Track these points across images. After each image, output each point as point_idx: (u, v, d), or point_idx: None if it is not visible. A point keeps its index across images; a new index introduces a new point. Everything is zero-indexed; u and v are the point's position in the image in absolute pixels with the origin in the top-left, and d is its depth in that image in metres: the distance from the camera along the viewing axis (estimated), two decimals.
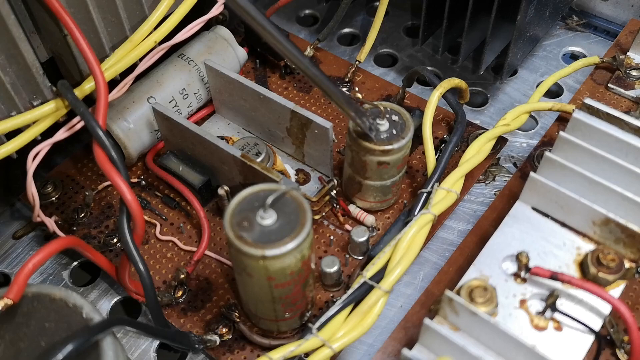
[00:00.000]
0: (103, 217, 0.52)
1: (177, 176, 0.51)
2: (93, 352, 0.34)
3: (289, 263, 0.38)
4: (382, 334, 0.48)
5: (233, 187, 0.50)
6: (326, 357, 0.39)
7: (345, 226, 0.50)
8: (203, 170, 0.51)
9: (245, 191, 0.39)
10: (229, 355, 0.45)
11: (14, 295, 0.35)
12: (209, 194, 0.51)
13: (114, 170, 0.38)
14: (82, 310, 0.36)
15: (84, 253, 0.41)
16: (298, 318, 0.44)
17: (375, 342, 0.47)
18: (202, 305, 0.47)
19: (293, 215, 0.38)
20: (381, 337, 0.47)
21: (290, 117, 0.50)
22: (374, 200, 0.50)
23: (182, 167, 0.51)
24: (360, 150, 0.46)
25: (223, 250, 0.50)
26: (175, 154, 0.52)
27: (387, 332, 0.47)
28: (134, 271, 0.45)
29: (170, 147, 0.53)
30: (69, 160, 0.56)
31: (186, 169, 0.51)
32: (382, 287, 0.40)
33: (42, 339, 0.35)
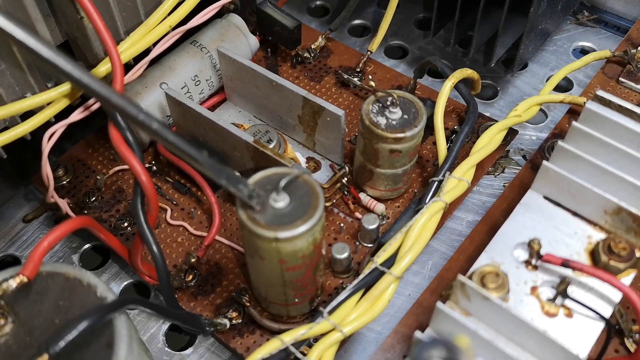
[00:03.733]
0: (114, 201, 0.53)
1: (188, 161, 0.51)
2: (106, 330, 0.35)
3: (301, 246, 0.38)
4: (391, 322, 0.48)
5: (244, 173, 0.50)
6: (336, 340, 0.39)
7: (355, 214, 0.50)
8: (214, 156, 0.51)
9: (258, 174, 0.40)
10: (238, 339, 0.45)
11: (29, 272, 0.35)
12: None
13: (129, 151, 0.38)
14: (96, 289, 0.36)
15: (96, 234, 0.42)
16: (308, 303, 0.44)
17: (383, 330, 0.48)
18: (212, 289, 0.47)
19: (305, 198, 0.38)
20: (389, 324, 0.48)
21: (302, 104, 0.50)
22: (385, 188, 0.50)
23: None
24: (372, 138, 0.46)
25: (233, 235, 0.50)
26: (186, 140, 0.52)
27: (395, 320, 0.47)
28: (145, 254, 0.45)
29: (182, 132, 0.53)
30: (81, 145, 0.57)
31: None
32: (393, 273, 0.41)
33: (56, 316, 0.35)
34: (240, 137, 0.47)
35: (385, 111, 0.46)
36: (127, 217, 0.51)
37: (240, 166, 0.50)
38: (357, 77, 0.59)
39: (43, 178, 0.42)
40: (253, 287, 0.45)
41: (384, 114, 0.46)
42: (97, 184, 0.53)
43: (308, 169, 0.40)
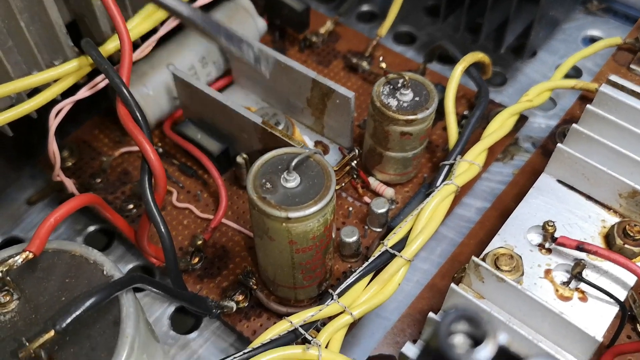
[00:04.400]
0: (119, 183, 0.52)
1: (195, 144, 0.51)
2: (113, 308, 0.34)
3: (312, 227, 0.37)
4: (399, 308, 0.47)
5: (252, 155, 0.49)
6: (346, 323, 0.39)
7: (364, 198, 0.50)
8: (222, 138, 0.51)
9: (268, 154, 0.39)
10: (245, 322, 0.44)
11: (36, 248, 0.34)
12: (227, 162, 0.51)
13: (137, 129, 0.38)
14: (103, 267, 0.36)
15: (103, 213, 0.41)
16: (316, 286, 0.44)
17: (391, 315, 0.47)
18: (219, 272, 0.47)
19: (317, 178, 0.38)
20: (398, 310, 0.47)
21: (311, 86, 0.49)
22: (394, 172, 0.49)
23: (201, 135, 0.51)
24: (383, 120, 0.45)
25: (240, 218, 0.50)
26: (193, 122, 0.52)
27: (403, 306, 0.47)
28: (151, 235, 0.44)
29: (189, 114, 0.52)
30: (86, 127, 0.56)
31: (205, 136, 0.51)
32: (403, 256, 0.40)
33: (62, 294, 0.35)
34: (249, 119, 0.47)
35: (397, 93, 0.46)
36: (133, 199, 0.51)
37: (247, 148, 0.49)
38: (366, 62, 0.59)
39: (49, 155, 0.42)
40: (261, 270, 0.44)
41: (395, 95, 0.46)
42: (103, 166, 0.52)
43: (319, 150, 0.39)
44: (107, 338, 0.33)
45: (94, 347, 0.33)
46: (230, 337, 0.47)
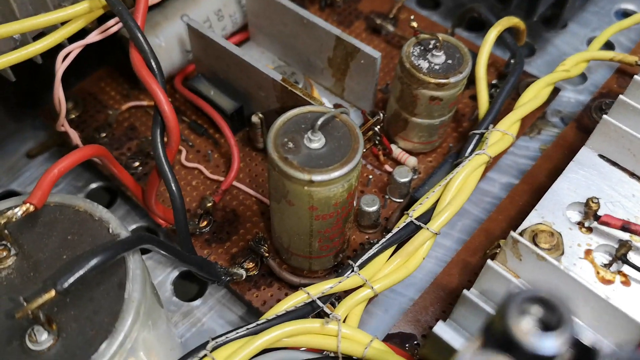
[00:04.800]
0: (125, 138, 0.49)
1: (207, 101, 0.48)
2: (119, 269, 0.31)
3: (335, 192, 0.35)
4: (416, 283, 0.44)
5: (268, 115, 0.46)
6: (366, 297, 0.36)
7: (384, 166, 0.47)
8: (236, 95, 0.48)
9: (291, 111, 0.36)
10: (254, 291, 0.42)
11: (37, 200, 0.32)
12: (240, 121, 0.48)
13: (151, 77, 0.35)
14: (109, 225, 0.33)
15: (109, 167, 0.38)
16: (332, 257, 0.41)
17: (406, 291, 0.44)
18: (228, 237, 0.44)
19: (343, 140, 0.35)
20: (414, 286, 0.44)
21: (334, 45, 0.46)
22: (419, 140, 0.46)
23: (214, 92, 0.48)
24: (412, 83, 0.42)
25: (252, 182, 0.47)
26: (206, 77, 0.49)
27: (422, 283, 0.44)
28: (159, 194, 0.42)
29: (202, 69, 0.49)
30: (92, 78, 0.53)
31: (218, 93, 0.48)
32: (430, 228, 0.37)
33: (63, 251, 0.32)
34: (268, 75, 0.44)
35: (428, 54, 0.43)
36: (139, 156, 0.48)
37: (264, 108, 0.46)
38: (390, 24, 0.55)
39: (54, 103, 0.39)
40: (274, 237, 0.41)
41: (426, 57, 0.43)
42: (109, 120, 0.49)
43: (346, 109, 0.37)
44: (111, 301, 0.30)
45: (96, 310, 0.30)
46: (237, 307, 0.44)
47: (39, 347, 0.29)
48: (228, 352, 0.31)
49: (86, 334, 0.29)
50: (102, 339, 0.29)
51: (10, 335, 0.30)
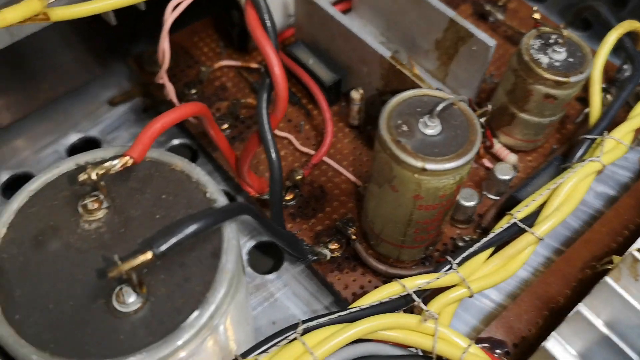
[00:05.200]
0: (215, 98, 0.47)
1: (305, 69, 0.46)
2: (214, 238, 0.30)
3: (445, 184, 0.32)
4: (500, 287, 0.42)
5: (368, 92, 0.44)
6: (461, 297, 0.34)
7: (482, 160, 0.44)
8: (336, 67, 0.46)
9: (407, 92, 0.34)
10: (337, 274, 0.40)
11: (137, 154, 0.30)
12: (336, 94, 0.46)
13: (265, 38, 0.33)
14: (206, 188, 0.31)
15: (206, 128, 0.36)
16: (423, 249, 0.39)
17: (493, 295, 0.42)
18: (314, 214, 0.42)
19: (460, 130, 0.33)
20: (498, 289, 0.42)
21: (446, 27, 0.44)
22: (522, 138, 0.44)
23: (313, 61, 0.46)
24: (528, 77, 0.40)
25: (342, 159, 0.45)
26: (307, 44, 0.47)
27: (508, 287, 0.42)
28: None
29: (303, 36, 0.47)
30: (185, 32, 0.51)
31: (317, 63, 0.46)
32: (535, 233, 0.35)
33: (156, 211, 0.30)
34: (375, 50, 0.41)
35: (548, 49, 0.40)
36: (229, 118, 0.46)
37: (364, 84, 0.44)
38: (499, 11, 0.52)
39: (159, 54, 0.37)
40: (365, 220, 0.39)
41: (546, 52, 0.40)
42: (200, 76, 0.48)
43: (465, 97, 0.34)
44: (203, 270, 0.29)
45: (187, 277, 0.29)
46: (312, 286, 0.42)
47: (125, 309, 0.28)
48: (319, 338, 0.29)
49: (175, 300, 0.28)
50: (192, 308, 0.28)
51: (97, 292, 0.28)
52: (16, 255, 0.29)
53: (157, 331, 0.27)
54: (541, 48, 0.40)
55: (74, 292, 0.28)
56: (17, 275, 0.29)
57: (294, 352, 0.29)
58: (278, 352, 0.29)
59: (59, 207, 0.31)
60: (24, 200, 0.31)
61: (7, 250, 0.29)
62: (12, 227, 0.30)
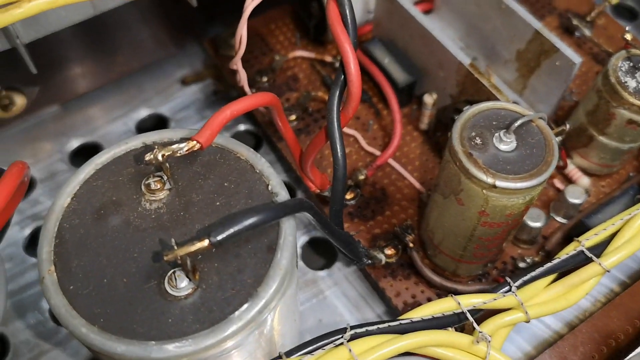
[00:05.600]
0: (286, 88, 0.47)
1: (380, 68, 0.45)
2: (271, 232, 0.29)
3: (514, 203, 0.31)
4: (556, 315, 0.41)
5: (441, 98, 0.43)
6: (517, 321, 0.33)
7: (553, 180, 0.43)
8: (411, 69, 0.45)
9: (484, 104, 0.33)
10: (390, 280, 0.39)
11: (205, 140, 0.30)
12: (409, 97, 0.45)
13: (344, 34, 0.32)
14: (269, 181, 0.31)
15: (275, 118, 0.36)
16: (481, 265, 0.38)
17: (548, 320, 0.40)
18: (372, 216, 0.41)
19: (536, 149, 0.31)
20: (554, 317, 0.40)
21: (530, 38, 0.42)
22: (598, 161, 0.42)
23: (388, 60, 0.45)
24: (612, 100, 0.38)
25: (407, 163, 0.44)
26: (384, 43, 0.46)
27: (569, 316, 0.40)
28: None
29: (380, 33, 0.46)
30: (262, 19, 0.51)
31: (392, 62, 0.45)
32: (602, 264, 0.33)
33: (217, 198, 0.30)
34: (454, 56, 0.40)
35: (637, 73, 0.38)
36: (297, 109, 0.46)
37: (439, 88, 0.43)
38: (587, 28, 0.50)
39: (235, 40, 0.37)
40: (425, 229, 0.39)
41: (635, 75, 0.38)
42: (273, 65, 0.47)
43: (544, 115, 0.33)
44: (257, 263, 0.28)
45: (240, 269, 0.28)
46: (363, 288, 0.42)
47: (176, 293, 0.28)
48: (366, 347, 0.29)
49: (226, 290, 0.28)
50: (242, 301, 0.27)
51: (151, 273, 0.28)
52: (77, 226, 0.30)
53: (206, 319, 0.27)
54: (630, 71, 0.38)
55: (129, 269, 0.28)
56: (76, 246, 0.29)
57: (339, 357, 0.28)
58: (323, 355, 0.29)
59: (123, 184, 0.31)
60: (91, 172, 0.31)
61: (69, 220, 0.30)
62: (76, 198, 0.30)
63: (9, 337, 0.40)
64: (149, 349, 0.26)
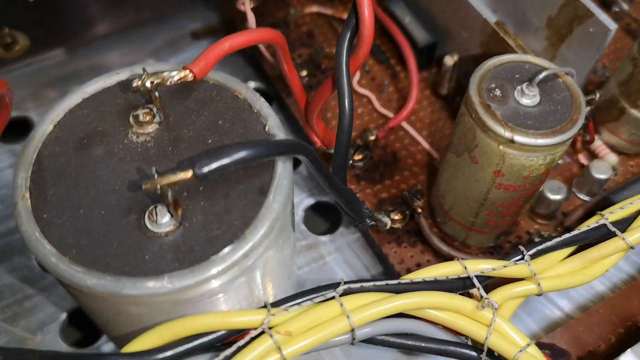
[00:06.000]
0: (299, 43, 0.45)
1: (400, 27, 0.42)
2: (264, 173, 0.27)
3: (533, 163, 0.29)
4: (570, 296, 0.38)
5: (463, 60, 0.40)
6: (528, 293, 0.30)
7: (577, 155, 0.40)
8: (433, 29, 0.42)
9: (507, 56, 0.30)
10: (393, 246, 0.37)
11: (199, 70, 0.28)
12: (428, 59, 0.43)
13: None
14: (267, 121, 0.28)
15: (279, 59, 0.33)
16: (494, 236, 0.35)
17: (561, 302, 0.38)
18: (380, 179, 0.39)
19: (561, 105, 0.29)
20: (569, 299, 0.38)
21: (563, 3, 0.39)
22: (627, 138, 0.39)
23: (410, 19, 0.42)
24: None
25: (422, 128, 0.41)
26: (405, 1, 0.43)
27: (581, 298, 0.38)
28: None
29: None
30: None
31: (413, 21, 0.42)
32: (627, 239, 0.30)
33: (210, 135, 0.28)
34: (479, 14, 0.38)
35: None
36: (309, 66, 0.43)
37: (461, 50, 0.40)
38: (626, 2, 0.47)
39: None
40: (435, 194, 0.36)
41: None
42: (287, 19, 0.45)
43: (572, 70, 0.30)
44: (246, 205, 0.26)
45: (228, 209, 0.26)
46: (366, 256, 0.39)
47: (156, 229, 0.25)
48: (359, 303, 0.26)
49: (210, 231, 0.25)
50: (226, 242, 0.25)
51: (131, 206, 0.26)
52: (58, 154, 0.27)
53: (185, 259, 0.25)
54: None
55: (108, 202, 0.26)
56: (54, 174, 0.27)
57: (328, 312, 0.26)
58: (311, 308, 0.26)
59: (111, 114, 0.29)
60: (77, 101, 0.29)
61: (49, 148, 0.28)
62: (59, 126, 0.28)
63: None
64: (121, 284, 0.24)
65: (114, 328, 0.28)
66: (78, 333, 0.38)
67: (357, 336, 0.26)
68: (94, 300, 0.26)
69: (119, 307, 0.26)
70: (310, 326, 0.26)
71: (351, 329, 0.26)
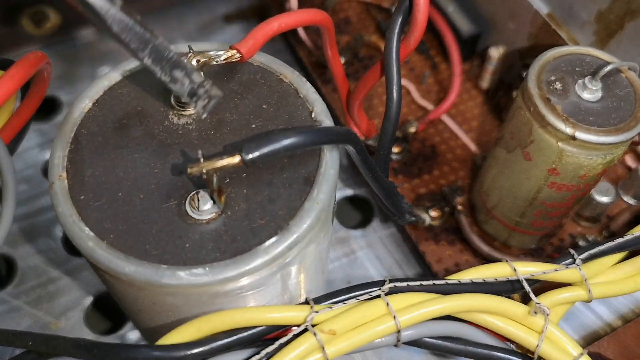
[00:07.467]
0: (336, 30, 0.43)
1: (443, 16, 0.41)
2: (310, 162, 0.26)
3: (591, 162, 0.27)
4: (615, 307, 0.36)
5: (509, 53, 0.39)
6: (577, 299, 0.29)
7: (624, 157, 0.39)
8: (477, 19, 0.40)
9: (567, 48, 0.29)
10: (431, 244, 0.35)
11: (246, 50, 0.27)
12: (471, 50, 0.41)
13: None
14: (313, 107, 0.27)
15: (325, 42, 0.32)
16: (538, 238, 0.34)
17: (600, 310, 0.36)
18: (419, 174, 0.38)
19: (624, 102, 0.27)
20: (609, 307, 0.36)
21: None
22: None
23: (453, 8, 0.41)
24: None
25: (463, 122, 0.40)
26: None
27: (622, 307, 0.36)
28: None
29: None
30: None
31: (457, 11, 0.41)
32: None
33: (254, 120, 0.27)
34: (530, 4, 0.36)
35: None
36: (347, 53, 0.42)
37: (507, 42, 0.39)
38: None
39: None
40: (479, 191, 0.35)
41: None
42: (325, 4, 0.44)
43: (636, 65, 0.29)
44: (291, 194, 0.25)
45: (272, 198, 0.25)
46: (398, 252, 0.38)
47: (198, 216, 0.24)
48: (405, 303, 0.25)
49: (254, 220, 0.24)
50: (270, 233, 0.24)
51: (172, 191, 0.25)
52: (96, 133, 0.26)
53: (227, 249, 0.24)
54: None
55: (147, 185, 0.25)
56: (92, 154, 0.26)
57: (374, 311, 0.25)
58: (356, 306, 0.25)
59: (152, 94, 0.27)
60: (117, 78, 0.28)
61: (87, 126, 0.27)
62: (98, 104, 0.27)
63: (18, 261, 0.37)
64: (160, 273, 0.23)
65: (147, 318, 0.27)
66: (102, 319, 0.37)
67: (402, 338, 0.25)
68: (129, 288, 0.25)
69: (155, 297, 0.25)
70: (354, 325, 0.25)
71: (397, 330, 0.25)
